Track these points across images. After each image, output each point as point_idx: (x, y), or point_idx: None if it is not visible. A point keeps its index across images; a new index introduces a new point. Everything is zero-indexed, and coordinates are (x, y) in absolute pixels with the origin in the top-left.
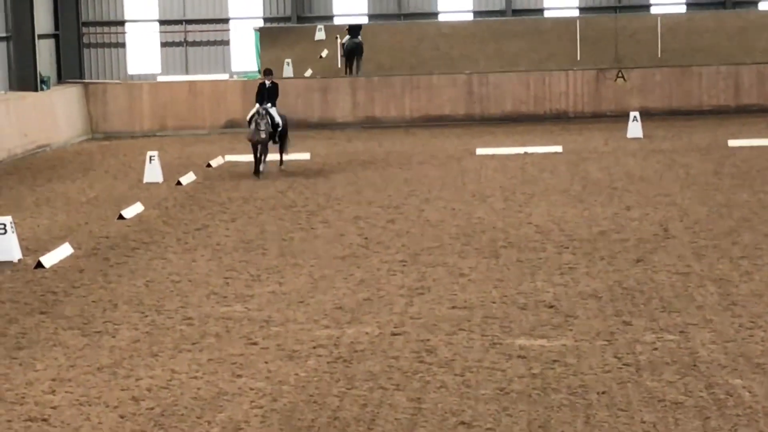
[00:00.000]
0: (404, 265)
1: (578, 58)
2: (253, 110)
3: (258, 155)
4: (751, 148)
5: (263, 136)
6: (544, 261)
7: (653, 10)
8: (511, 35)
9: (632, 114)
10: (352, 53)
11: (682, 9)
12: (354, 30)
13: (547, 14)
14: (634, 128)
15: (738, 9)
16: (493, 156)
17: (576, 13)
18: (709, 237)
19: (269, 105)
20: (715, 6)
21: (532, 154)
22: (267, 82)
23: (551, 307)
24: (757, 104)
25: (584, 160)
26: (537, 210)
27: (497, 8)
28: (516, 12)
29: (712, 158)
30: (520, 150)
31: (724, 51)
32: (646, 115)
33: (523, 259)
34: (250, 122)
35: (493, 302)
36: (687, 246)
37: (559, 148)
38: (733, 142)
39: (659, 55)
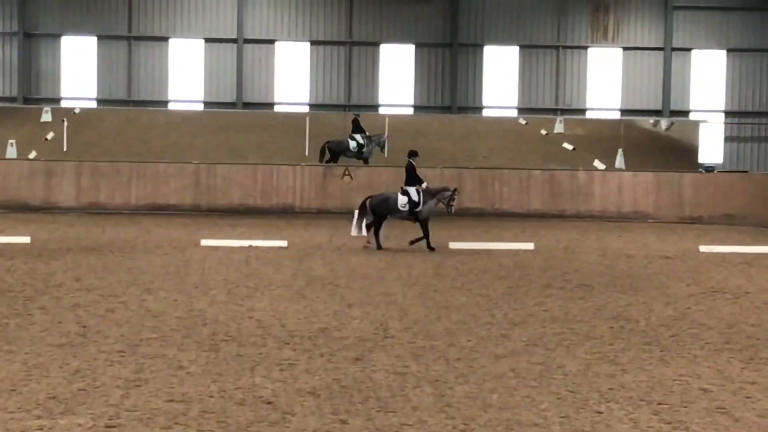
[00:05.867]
0: (122, 356)
1: (306, 154)
2: (413, 190)
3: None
4: (471, 250)
5: (453, 211)
6: (264, 356)
7: (381, 110)
8: (241, 128)
9: (356, 212)
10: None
11: (410, 111)
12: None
13: (277, 109)
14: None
15: (462, 114)
16: (217, 248)
17: (306, 109)
18: (427, 338)
19: (424, 185)
20: (442, 110)
21: (257, 247)
22: (413, 162)
23: (269, 403)
24: (477, 207)
25: (309, 255)
26: (259, 304)
27: (228, 100)
28: (246, 105)
29: (433, 259)
30: (245, 243)
31: (449, 154)
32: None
33: (243, 354)
34: (420, 201)
35: (211, 396)
36: (405, 346)
37: (284, 243)
38: (454, 245)
39: (386, 155)
